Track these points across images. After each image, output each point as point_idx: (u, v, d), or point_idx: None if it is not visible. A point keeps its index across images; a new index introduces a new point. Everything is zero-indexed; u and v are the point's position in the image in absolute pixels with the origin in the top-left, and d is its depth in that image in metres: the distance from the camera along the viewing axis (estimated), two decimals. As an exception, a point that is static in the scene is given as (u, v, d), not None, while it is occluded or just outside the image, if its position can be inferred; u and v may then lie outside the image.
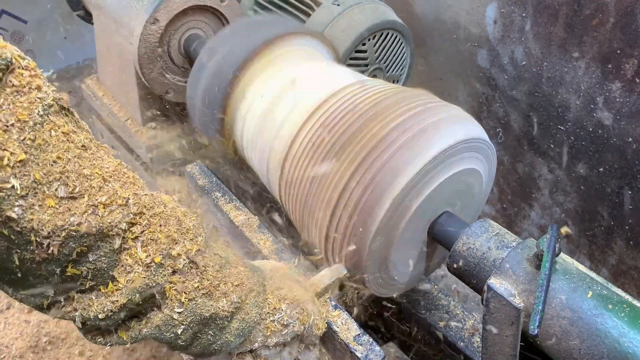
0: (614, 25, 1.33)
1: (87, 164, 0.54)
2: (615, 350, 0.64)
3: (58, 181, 0.51)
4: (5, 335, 1.83)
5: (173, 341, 0.64)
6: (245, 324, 0.69)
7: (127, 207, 0.56)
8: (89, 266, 0.55)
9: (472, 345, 1.07)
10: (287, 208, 1.00)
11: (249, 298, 0.70)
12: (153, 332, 0.62)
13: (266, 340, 0.73)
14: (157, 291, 0.60)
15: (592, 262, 1.72)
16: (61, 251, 0.51)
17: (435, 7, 1.78)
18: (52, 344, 1.83)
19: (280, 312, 0.73)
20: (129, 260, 0.57)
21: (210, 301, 0.64)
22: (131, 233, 0.57)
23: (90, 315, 0.57)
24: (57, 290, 0.55)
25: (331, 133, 0.89)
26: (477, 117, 1.84)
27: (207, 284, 0.64)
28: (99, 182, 0.54)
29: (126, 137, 1.59)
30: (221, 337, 0.68)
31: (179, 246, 0.61)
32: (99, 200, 0.54)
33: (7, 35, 2.81)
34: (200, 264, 0.64)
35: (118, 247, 0.56)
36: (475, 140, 0.88)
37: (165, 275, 0.60)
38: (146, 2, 1.28)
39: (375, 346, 0.82)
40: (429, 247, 0.95)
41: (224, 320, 0.67)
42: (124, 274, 0.57)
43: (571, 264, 0.74)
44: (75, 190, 0.52)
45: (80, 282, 0.56)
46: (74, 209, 0.51)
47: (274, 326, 0.72)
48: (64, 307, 0.57)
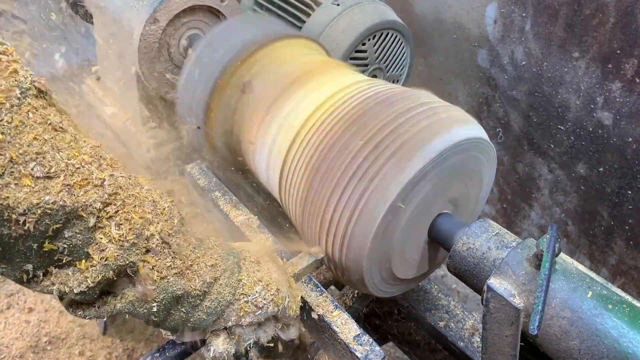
0: (614, 25, 1.33)
1: (64, 146, 0.57)
2: (615, 350, 0.64)
3: (34, 161, 0.54)
4: (5, 335, 1.84)
5: (147, 317, 0.67)
6: (218, 303, 0.71)
7: (102, 187, 0.59)
8: (65, 242, 0.57)
9: (472, 345, 1.07)
10: (287, 208, 1.00)
11: (222, 278, 0.72)
12: (127, 307, 0.64)
13: (240, 320, 0.75)
14: (130, 269, 0.62)
15: (592, 262, 1.72)
16: (37, 228, 0.54)
17: (435, 7, 1.78)
18: (52, 344, 1.83)
19: (254, 293, 0.75)
20: (103, 238, 0.60)
21: (182, 280, 0.67)
22: (106, 212, 0.60)
23: (66, 290, 0.60)
24: (36, 264, 0.58)
25: (331, 133, 0.89)
26: (477, 117, 1.84)
27: (180, 264, 0.67)
28: (75, 162, 0.57)
29: (126, 137, 1.59)
30: (194, 315, 0.70)
31: (153, 226, 0.64)
32: (74, 180, 0.57)
33: (7, 35, 2.82)
34: (174, 244, 0.66)
35: (93, 226, 0.59)
36: (475, 140, 0.88)
37: (139, 254, 0.63)
38: (146, 2, 1.28)
39: (375, 346, 0.82)
40: (429, 247, 0.95)
41: (196, 298, 0.69)
42: (98, 252, 0.60)
43: (571, 264, 0.74)
44: (51, 170, 0.55)
45: (57, 257, 0.58)
46: (50, 187, 0.54)
47: (247, 306, 0.75)
48: (43, 282, 0.60)
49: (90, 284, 0.60)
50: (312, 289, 0.91)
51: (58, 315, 1.90)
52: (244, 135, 1.08)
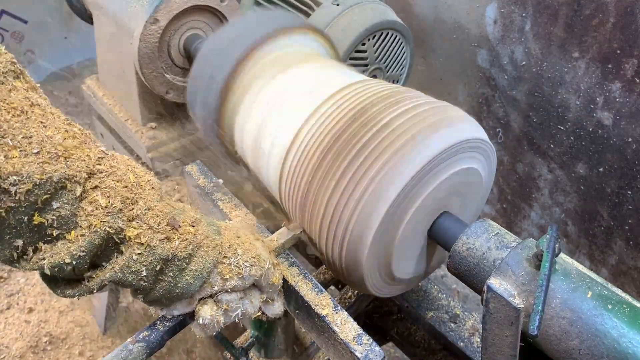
0: (614, 25, 1.33)
1: (47, 122, 0.61)
2: (615, 350, 0.64)
3: (20, 134, 0.57)
4: (5, 335, 1.84)
5: (136, 283, 0.68)
6: (203, 265, 0.74)
7: (87, 158, 0.63)
8: (53, 214, 0.60)
9: (472, 345, 1.07)
10: (287, 208, 1.00)
11: (205, 241, 0.75)
12: (116, 274, 0.66)
13: (225, 284, 0.77)
14: (118, 236, 0.65)
15: (592, 262, 1.72)
16: (27, 199, 0.57)
17: (435, 7, 1.78)
18: (52, 344, 1.83)
19: (236, 256, 0.78)
20: (89, 207, 0.62)
21: (168, 243, 0.69)
22: (90, 183, 0.63)
23: (57, 261, 0.61)
24: (26, 240, 0.60)
25: (331, 133, 0.89)
26: (477, 117, 1.84)
27: (165, 228, 0.70)
28: (59, 136, 0.61)
29: (126, 137, 1.59)
30: (181, 279, 0.72)
31: (136, 194, 0.67)
32: (60, 152, 0.60)
33: (7, 35, 2.82)
34: (157, 209, 0.69)
35: (79, 195, 0.62)
36: (474, 141, 0.88)
37: (125, 220, 0.65)
38: (146, 2, 1.28)
39: (375, 346, 0.82)
40: (428, 247, 0.95)
41: (182, 261, 0.71)
42: (86, 220, 0.62)
43: (571, 264, 0.74)
44: (37, 143, 0.58)
45: (47, 231, 0.61)
46: (38, 159, 0.58)
47: (230, 269, 0.77)
48: (33, 258, 0.61)
49: (80, 252, 0.62)
50: (312, 289, 0.91)
51: (58, 315, 1.90)
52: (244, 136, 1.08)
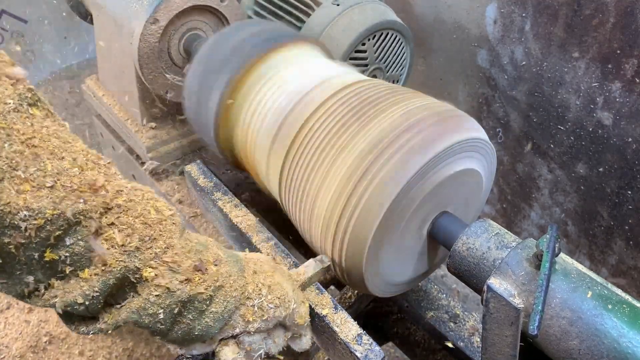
0: (614, 25, 1.33)
1: (62, 153, 0.57)
2: (615, 350, 0.64)
3: (34, 167, 0.53)
4: (5, 335, 1.83)
5: (153, 325, 0.64)
6: (224, 307, 0.70)
7: (103, 193, 0.59)
8: (66, 250, 0.56)
9: (472, 345, 1.07)
10: (286, 208, 1.00)
11: (228, 282, 0.70)
12: (132, 316, 0.62)
13: (247, 326, 0.73)
14: (134, 276, 0.61)
15: (592, 262, 1.72)
16: (38, 235, 0.53)
17: (435, 7, 1.78)
18: (52, 344, 1.83)
19: (259, 297, 0.73)
20: (105, 244, 0.58)
21: (188, 285, 0.65)
22: (107, 218, 0.59)
23: (69, 300, 0.58)
24: (37, 277, 0.56)
25: (331, 133, 0.89)
26: (477, 117, 1.84)
27: (185, 269, 0.65)
28: (75, 168, 0.57)
29: (126, 137, 1.59)
30: (201, 322, 0.68)
31: (156, 231, 0.63)
32: (74, 186, 0.56)
33: (7, 35, 2.82)
34: (178, 247, 0.65)
35: (94, 232, 0.58)
36: (474, 140, 0.88)
37: (142, 259, 0.61)
38: (146, 2, 1.28)
39: (375, 346, 0.82)
40: (428, 247, 0.95)
41: (202, 303, 0.67)
42: (101, 258, 0.58)
43: (571, 264, 0.74)
44: (51, 176, 0.54)
45: (59, 267, 0.57)
46: (50, 193, 0.54)
47: (253, 311, 0.73)
48: (44, 295, 0.58)
49: (94, 292, 0.58)
50: (312, 289, 0.91)
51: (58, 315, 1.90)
52: (244, 139, 1.08)
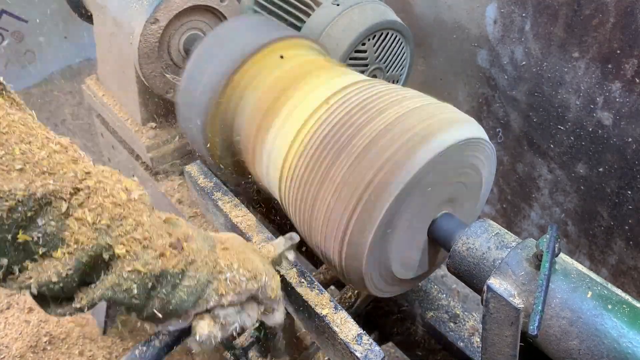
0: (614, 25, 1.33)
1: (30, 137, 0.59)
2: (615, 350, 0.64)
3: (2, 151, 0.55)
4: (5, 335, 1.84)
5: (128, 301, 0.66)
6: (197, 281, 0.71)
7: (72, 175, 0.60)
8: (39, 231, 0.58)
9: (472, 345, 1.07)
10: (287, 208, 1.00)
11: (199, 256, 0.72)
12: (107, 293, 0.64)
13: (220, 300, 0.74)
14: (107, 252, 0.62)
15: (592, 262, 1.72)
16: (10, 216, 0.55)
17: (435, 7, 1.78)
18: (52, 344, 1.83)
19: (231, 270, 0.75)
20: (76, 224, 0.60)
21: (159, 259, 0.66)
22: (77, 199, 0.61)
23: (44, 280, 0.59)
24: (11, 259, 0.58)
25: (332, 132, 0.89)
26: (477, 117, 1.84)
27: (157, 244, 0.67)
28: (43, 152, 0.59)
29: (126, 137, 1.59)
30: (175, 296, 0.70)
31: (125, 210, 0.64)
32: (44, 168, 0.58)
33: (7, 35, 2.81)
34: (148, 224, 0.66)
35: (65, 212, 0.59)
36: (474, 140, 0.88)
37: (113, 237, 0.63)
38: (146, 2, 1.28)
39: (375, 346, 0.82)
40: (428, 247, 0.95)
41: (175, 277, 0.69)
42: (73, 237, 0.60)
43: (571, 264, 0.74)
44: (21, 159, 0.56)
45: (32, 249, 0.58)
46: (21, 175, 0.56)
47: (226, 284, 0.74)
48: (19, 277, 0.59)
49: (67, 271, 0.59)
50: (312, 289, 0.91)
51: (58, 315, 1.90)
52: (243, 139, 1.08)
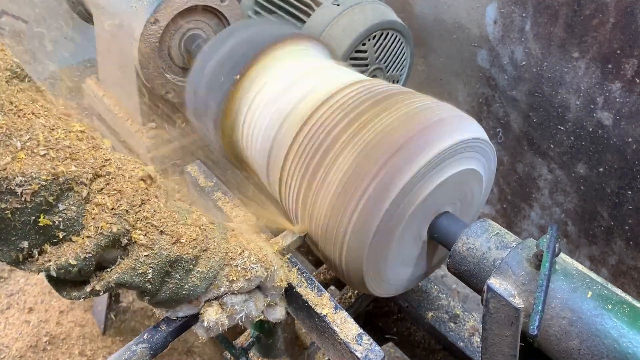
0: (614, 25, 1.33)
1: (56, 125, 0.61)
2: (615, 350, 0.64)
3: (27, 135, 0.57)
4: (5, 335, 1.84)
5: (143, 285, 0.68)
6: (210, 267, 0.73)
7: (94, 160, 0.63)
8: (59, 216, 0.60)
9: (472, 345, 1.08)
10: (286, 206, 1.00)
11: (212, 243, 0.74)
12: (123, 276, 0.66)
13: (231, 286, 0.76)
14: (125, 237, 0.64)
15: (592, 262, 1.72)
16: (33, 200, 0.56)
17: (435, 7, 1.78)
18: (52, 344, 1.83)
19: (242, 257, 0.77)
20: (96, 209, 0.62)
21: (175, 245, 0.69)
22: (97, 184, 0.63)
23: (63, 263, 0.61)
24: (31, 242, 0.59)
25: (332, 132, 0.89)
26: (477, 117, 1.84)
27: (173, 230, 0.69)
28: (65, 138, 0.61)
29: (126, 137, 1.59)
30: (188, 281, 0.72)
31: (144, 196, 0.67)
32: (66, 154, 0.60)
33: (7, 35, 2.81)
34: (164, 211, 0.69)
35: (86, 197, 0.62)
36: (475, 141, 0.88)
37: (131, 222, 0.65)
38: (146, 2, 1.28)
39: (375, 346, 0.82)
40: (428, 247, 0.95)
41: (189, 263, 0.71)
42: (92, 221, 0.62)
43: (571, 264, 0.75)
44: (44, 144, 0.58)
45: (53, 233, 0.60)
46: (44, 160, 0.58)
47: (237, 271, 0.76)
48: (39, 260, 0.61)
49: (86, 254, 0.61)
50: (312, 289, 0.91)
51: (58, 315, 1.90)
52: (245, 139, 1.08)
